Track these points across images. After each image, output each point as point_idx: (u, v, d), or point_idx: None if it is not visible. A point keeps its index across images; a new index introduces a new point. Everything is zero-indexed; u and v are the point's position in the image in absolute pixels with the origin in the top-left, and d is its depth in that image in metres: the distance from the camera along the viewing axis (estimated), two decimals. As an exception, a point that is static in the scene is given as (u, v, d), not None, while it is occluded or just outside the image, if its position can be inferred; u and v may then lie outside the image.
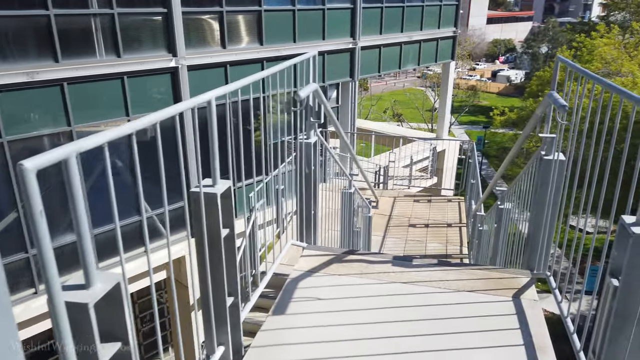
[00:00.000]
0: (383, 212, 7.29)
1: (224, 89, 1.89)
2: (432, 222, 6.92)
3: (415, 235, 6.52)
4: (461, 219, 6.99)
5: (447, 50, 15.40)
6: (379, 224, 6.79)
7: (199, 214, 1.61)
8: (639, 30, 18.86)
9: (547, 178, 2.54)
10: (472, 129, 43.03)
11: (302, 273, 2.64)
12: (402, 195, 8.02)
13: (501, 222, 3.86)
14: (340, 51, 12.15)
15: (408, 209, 7.38)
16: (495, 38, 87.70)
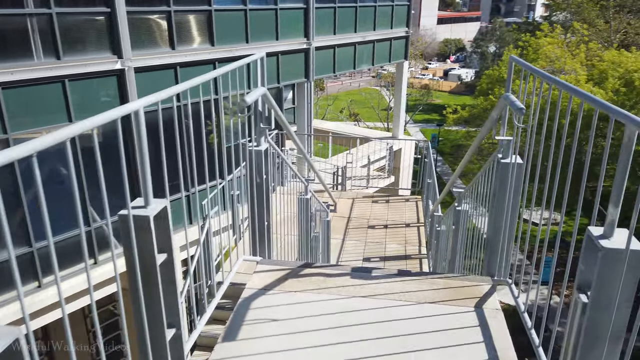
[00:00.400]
0: (342, 214, 7.21)
1: (154, 97, 1.69)
2: (390, 222, 6.90)
3: (375, 237, 6.47)
4: (419, 219, 7.02)
5: (400, 50, 15.57)
6: (338, 227, 6.70)
7: (127, 240, 1.41)
8: (580, 30, 19.81)
9: (505, 182, 2.50)
10: (426, 127, 44.00)
11: (256, 291, 2.47)
12: (360, 197, 7.97)
13: (459, 223, 3.84)
14: (295, 51, 12.00)
15: (367, 210, 7.33)
16: (445, 38, 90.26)
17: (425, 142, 7.98)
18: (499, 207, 2.56)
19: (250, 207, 2.91)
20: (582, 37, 19.92)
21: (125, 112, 1.45)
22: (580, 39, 19.54)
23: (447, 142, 37.62)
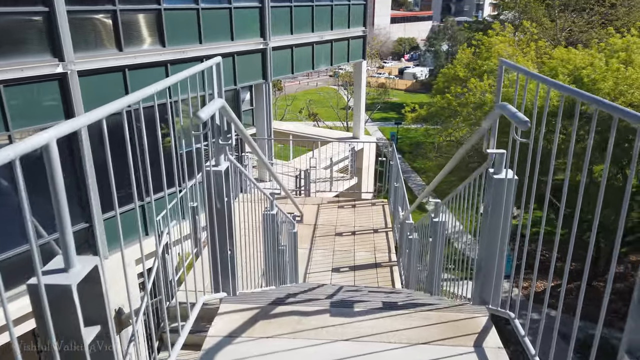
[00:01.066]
0: (308, 222, 6.91)
1: (69, 125, 1.28)
2: (358, 228, 6.67)
3: (343, 245, 6.22)
4: (387, 224, 6.83)
5: (358, 50, 15.45)
6: (305, 235, 6.41)
7: (40, 319, 1.01)
8: (529, 28, 20.40)
9: (499, 200, 2.28)
10: (384, 125, 44.43)
11: (220, 340, 2.12)
12: (325, 202, 7.70)
13: (436, 236, 3.62)
14: (251, 52, 11.59)
15: (333, 217, 7.08)
16: (399, 37, 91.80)
17: (390, 144, 7.82)
18: (493, 227, 2.33)
19: (210, 236, 2.53)
20: (532, 35, 20.53)
21: (30, 147, 1.02)
22: (530, 37, 20.14)
23: (405, 140, 38.09)
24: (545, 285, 14.39)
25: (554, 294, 19.81)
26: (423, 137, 22.93)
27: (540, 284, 19.85)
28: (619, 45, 16.52)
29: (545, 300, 2.15)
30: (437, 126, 20.81)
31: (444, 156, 22.68)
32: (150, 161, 2.10)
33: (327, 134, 16.98)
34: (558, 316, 2.10)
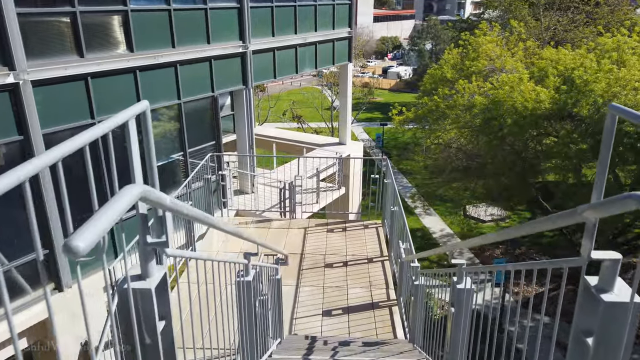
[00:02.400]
0: (294, 250, 6.16)
1: None
2: (350, 258, 5.95)
3: (334, 279, 5.49)
4: (382, 251, 6.12)
5: (343, 52, 14.72)
6: (290, 268, 5.66)
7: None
8: (517, 28, 19.92)
9: (610, 334, 1.50)
10: (369, 125, 43.85)
11: None
12: (313, 225, 6.96)
13: (461, 305, 2.91)
14: (230, 56, 10.77)
15: (322, 243, 6.34)
16: (382, 36, 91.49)
17: (384, 159, 7.09)
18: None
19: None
20: (520, 34, 20.07)
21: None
22: (518, 37, 19.66)
23: (391, 141, 37.55)
24: (537, 290, 13.89)
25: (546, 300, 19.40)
26: (410, 139, 22.33)
27: (532, 289, 19.44)
28: (610, 45, 16.11)
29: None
30: (425, 127, 20.18)
31: (431, 158, 22.15)
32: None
33: (312, 140, 16.22)
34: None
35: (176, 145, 10.09)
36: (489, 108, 16.10)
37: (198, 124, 10.62)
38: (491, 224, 24.84)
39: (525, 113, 14.98)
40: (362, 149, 16.32)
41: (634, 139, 13.77)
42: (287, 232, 6.46)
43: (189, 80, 9.89)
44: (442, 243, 23.36)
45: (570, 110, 14.65)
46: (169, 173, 10.01)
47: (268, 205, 11.32)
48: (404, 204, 26.81)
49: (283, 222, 7.08)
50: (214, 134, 10.93)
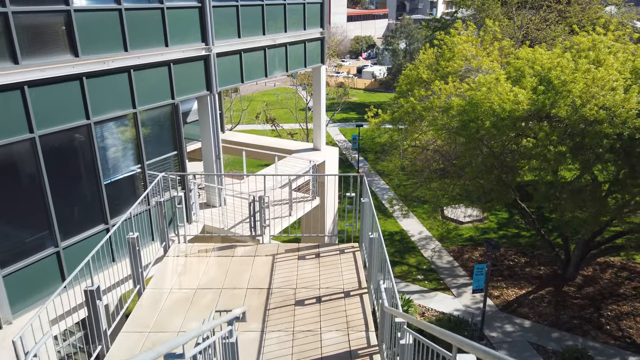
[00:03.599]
0: (259, 283, 5.41)
1: None
2: (325, 292, 5.24)
3: (306, 321, 4.77)
4: (360, 282, 5.42)
5: (316, 54, 13.99)
6: (255, 307, 4.91)
7: None
8: (492, 27, 19.59)
9: None
10: (345, 126, 43.30)
11: None
12: (282, 251, 6.22)
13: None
14: (191, 59, 9.91)
15: (292, 273, 5.61)
16: (356, 35, 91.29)
17: (361, 177, 6.38)
18: None
19: None
20: (495, 34, 19.76)
21: None
22: (493, 36, 19.34)
23: (367, 141, 37.07)
24: (517, 293, 13.21)
25: (525, 303, 19.19)
26: (387, 141, 21.77)
27: (511, 292, 19.18)
28: (586, 44, 15.86)
29: None
30: (401, 128, 19.67)
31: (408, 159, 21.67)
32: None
33: (285, 146, 15.44)
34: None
35: (132, 158, 9.18)
36: (466, 110, 15.63)
37: (157, 134, 9.73)
38: (469, 225, 24.55)
39: (504, 115, 14.56)
40: (338, 154, 15.64)
41: (613, 140, 13.49)
42: (252, 260, 5.70)
43: (145, 86, 8.99)
44: (420, 246, 22.93)
45: (548, 111, 14.29)
46: (124, 189, 9.09)
47: (238, 219, 10.52)
48: (382, 206, 26.29)
49: (248, 248, 6.31)
50: (176, 144, 10.05)
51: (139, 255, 5.14)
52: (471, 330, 16.56)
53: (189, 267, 5.63)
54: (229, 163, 31.67)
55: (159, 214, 6.18)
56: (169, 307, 4.99)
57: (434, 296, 19.02)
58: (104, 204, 8.62)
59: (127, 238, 4.96)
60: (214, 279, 5.50)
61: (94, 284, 3.94)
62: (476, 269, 15.78)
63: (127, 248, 5.14)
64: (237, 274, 5.61)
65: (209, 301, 5.10)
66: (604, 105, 13.52)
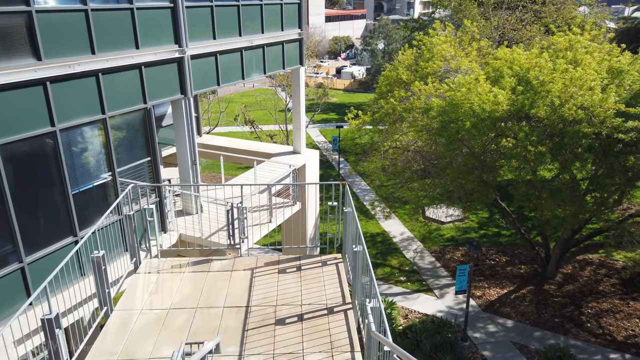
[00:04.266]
0: (237, 301, 5.09)
1: None
2: (307, 308, 4.96)
3: (287, 342, 4.48)
4: (344, 297, 5.16)
5: (294, 55, 13.70)
6: (233, 328, 4.60)
7: None
8: (470, 27, 19.61)
9: None
10: (325, 127, 43.11)
11: None
12: (262, 264, 5.90)
13: None
14: (164, 62, 9.50)
15: (272, 289, 5.31)
16: (334, 36, 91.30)
17: (343, 185, 6.10)
18: None
19: None
20: (473, 34, 19.79)
21: None
22: (472, 37, 19.36)
23: (348, 142, 36.92)
24: (499, 292, 13.07)
25: (507, 303, 19.26)
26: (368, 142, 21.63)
27: (493, 292, 19.24)
28: (563, 44, 15.96)
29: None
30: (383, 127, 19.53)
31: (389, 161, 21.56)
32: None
33: (264, 149, 15.10)
34: None
35: (102, 166, 8.73)
36: (446, 111, 15.56)
37: (129, 140, 9.29)
38: (450, 225, 24.59)
39: (484, 115, 14.52)
40: (318, 156, 15.37)
41: (591, 140, 13.56)
42: (230, 276, 5.38)
43: (115, 91, 8.56)
44: (402, 247, 22.85)
45: (527, 111, 14.31)
46: (94, 199, 8.63)
47: (216, 227, 10.15)
48: (363, 208, 26.14)
49: (225, 262, 5.98)
50: (149, 150, 9.62)
51: (105, 275, 4.76)
52: (454, 331, 16.51)
53: (162, 285, 5.28)
54: (207, 167, 31.09)
55: (129, 227, 5.79)
56: (139, 330, 4.63)
57: (417, 298, 18.92)
58: (72, 215, 8.16)
59: (92, 257, 4.59)
60: (188, 297, 5.15)
61: (52, 312, 3.57)
62: (459, 270, 15.71)
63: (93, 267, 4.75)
64: (213, 291, 5.27)
65: (182, 323, 4.74)
66: (583, 105, 13.59)
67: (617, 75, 14.89)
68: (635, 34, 26.66)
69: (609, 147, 13.93)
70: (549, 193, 15.51)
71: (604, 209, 16.09)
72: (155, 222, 6.15)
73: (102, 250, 4.67)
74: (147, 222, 6.16)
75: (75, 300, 6.59)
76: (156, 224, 6.14)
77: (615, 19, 32.79)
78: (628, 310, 17.28)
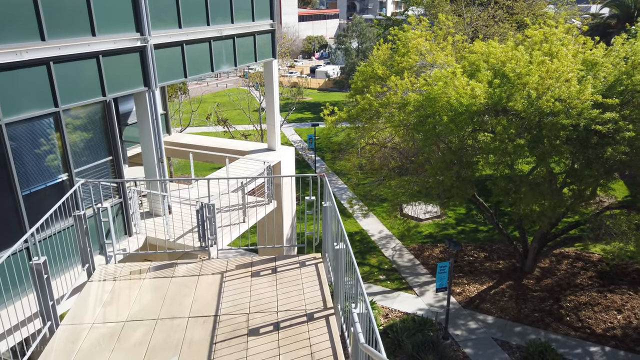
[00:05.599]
0: (204, 310, 4.49)
1: None
2: (284, 315, 4.41)
3: (261, 355, 3.91)
4: (325, 301, 4.62)
5: (266, 47, 13.10)
6: (199, 341, 4.01)
7: None
8: (445, 22, 19.41)
9: None
10: (300, 126, 42.57)
11: None
12: (233, 267, 5.31)
13: None
14: (124, 51, 8.78)
15: (244, 294, 4.74)
16: (308, 35, 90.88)
17: (321, 177, 5.56)
18: None
19: None
20: (448, 28, 19.59)
21: None
22: (447, 31, 19.16)
23: (324, 141, 36.47)
24: (478, 288, 12.63)
25: (487, 299, 19.12)
26: (344, 139, 21.18)
27: (473, 288, 19.07)
28: (538, 37, 15.86)
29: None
30: (358, 126, 19.12)
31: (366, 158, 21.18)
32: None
33: (237, 147, 14.44)
34: None
35: (57, 166, 7.96)
36: (423, 105, 15.24)
37: (87, 137, 8.53)
38: (429, 222, 24.40)
39: (461, 109, 14.25)
40: (294, 154, 14.81)
41: (569, 131, 13.43)
42: (196, 281, 4.78)
43: (69, 81, 7.81)
44: (381, 245, 22.53)
45: (505, 104, 14.10)
46: (48, 201, 7.85)
47: (186, 229, 9.47)
48: (341, 206, 25.72)
49: (192, 266, 5.36)
50: (111, 148, 8.87)
51: (48, 285, 4.09)
52: (436, 329, 16.23)
53: (118, 294, 4.64)
54: (179, 168, 30.09)
55: (79, 229, 5.09)
56: (89, 348, 3.99)
57: (397, 296, 18.58)
58: (23, 218, 7.38)
59: (30, 264, 3.92)
60: (149, 307, 4.52)
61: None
62: (439, 268, 15.40)
63: (33, 277, 4.06)
64: (177, 299, 4.64)
65: (139, 337, 4.10)
66: (560, 97, 13.45)
67: (592, 68, 14.86)
68: (605, 29, 27.10)
69: (587, 139, 13.85)
70: (528, 187, 15.38)
71: (581, 202, 16.07)
72: (111, 223, 5.47)
73: (44, 256, 4.02)
74: (102, 224, 5.45)
75: (23, 316, 5.86)
76: (112, 225, 5.46)
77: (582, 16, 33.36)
78: (605, 302, 17.34)
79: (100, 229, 5.39)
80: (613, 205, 18.08)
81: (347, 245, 3.91)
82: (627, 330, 15.94)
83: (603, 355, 14.91)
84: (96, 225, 5.51)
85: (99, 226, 5.39)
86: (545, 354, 14.44)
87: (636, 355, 14.86)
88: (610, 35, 23.41)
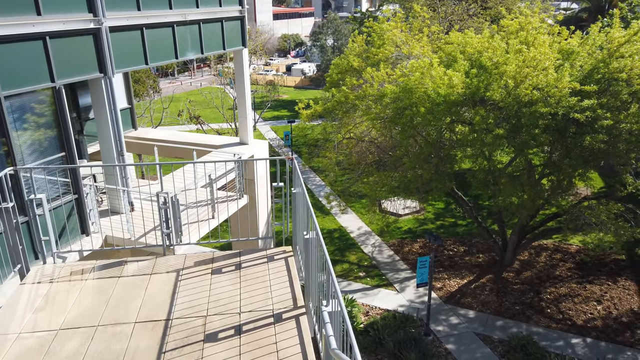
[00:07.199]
0: (154, 313, 3.86)
1: None
2: (247, 317, 3.81)
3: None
4: (296, 299, 4.04)
5: (235, 35, 12.43)
6: (145, 349, 3.39)
7: None
8: (421, 13, 19.07)
9: None
10: (276, 124, 41.85)
11: None
12: (191, 264, 4.68)
13: None
14: (76, 33, 8.01)
15: (203, 294, 4.13)
16: (283, 33, 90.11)
17: (290, 160, 4.98)
18: None
19: None
20: (424, 19, 19.27)
21: None
22: (422, 22, 18.82)
23: (300, 138, 35.86)
24: (459, 283, 12.07)
25: (468, 293, 18.88)
26: (321, 135, 20.64)
27: (453, 282, 18.81)
28: (514, 26, 15.65)
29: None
30: (335, 120, 18.61)
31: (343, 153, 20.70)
32: None
33: (207, 141, 13.72)
34: None
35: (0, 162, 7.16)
36: (400, 97, 14.81)
37: (35, 129, 7.73)
38: (408, 217, 24.08)
39: (439, 100, 13.87)
40: (268, 148, 14.18)
41: (548, 120, 13.20)
42: (147, 280, 4.15)
43: (10, 65, 7.02)
44: (360, 242, 22.07)
45: (482, 94, 13.79)
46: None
47: (148, 227, 8.75)
48: (319, 204, 25.17)
49: (143, 264, 4.71)
50: (63, 143, 8.08)
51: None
52: (417, 326, 15.85)
53: (53, 298, 3.98)
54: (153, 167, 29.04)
55: (7, 225, 4.38)
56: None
57: (377, 293, 18.16)
58: None
59: None
60: (88, 312, 3.86)
61: None
62: (419, 262, 15.01)
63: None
64: (123, 303, 3.99)
65: (74, 348, 3.45)
66: (538, 86, 13.21)
67: (569, 57, 14.70)
68: (576, 22, 27.30)
69: (565, 128, 13.65)
70: (507, 178, 15.14)
71: (560, 192, 15.93)
72: (47, 217, 4.74)
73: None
74: (36, 219, 4.72)
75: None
76: (48, 219, 4.75)
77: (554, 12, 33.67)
78: (585, 293, 17.27)
79: (35, 223, 4.67)
80: (590, 197, 18.04)
81: (317, 234, 3.35)
82: (607, 320, 15.86)
83: (585, 346, 14.76)
84: (29, 221, 4.77)
85: (33, 221, 4.67)
86: (527, 347, 14.21)
87: (617, 345, 14.77)
88: (583, 29, 23.54)
